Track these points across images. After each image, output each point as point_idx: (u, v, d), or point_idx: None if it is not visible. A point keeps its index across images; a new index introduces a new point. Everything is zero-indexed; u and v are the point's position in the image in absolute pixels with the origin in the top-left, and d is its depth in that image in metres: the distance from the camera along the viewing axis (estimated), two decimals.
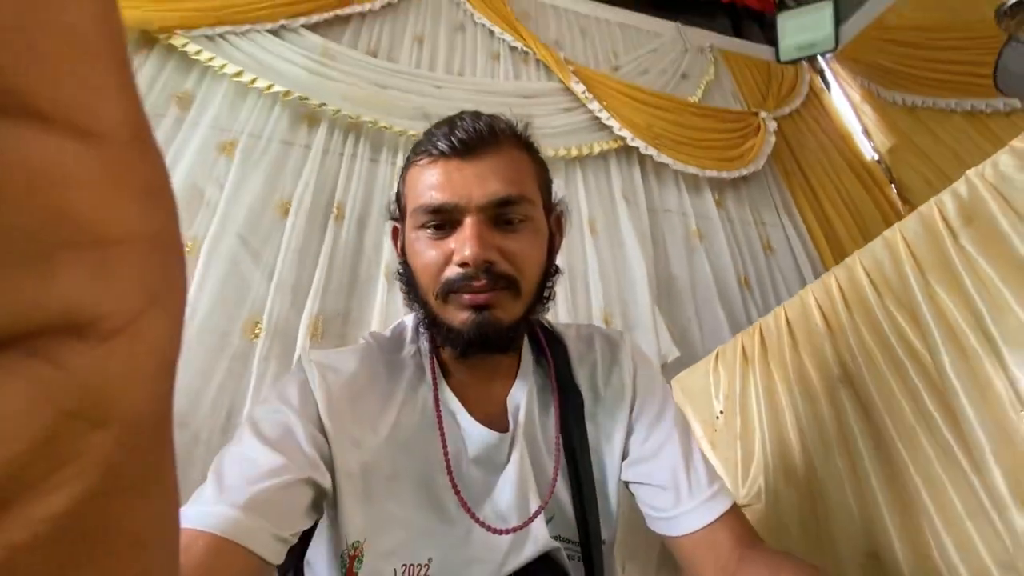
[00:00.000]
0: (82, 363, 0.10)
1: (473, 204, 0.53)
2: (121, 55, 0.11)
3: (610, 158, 1.70)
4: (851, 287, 0.71)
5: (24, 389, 0.09)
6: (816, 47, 2.16)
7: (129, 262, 0.11)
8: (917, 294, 0.62)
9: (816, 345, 0.77)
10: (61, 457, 0.10)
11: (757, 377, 0.87)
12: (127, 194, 0.11)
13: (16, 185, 0.09)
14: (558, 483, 0.61)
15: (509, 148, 0.57)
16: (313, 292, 1.19)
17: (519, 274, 0.55)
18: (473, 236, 0.52)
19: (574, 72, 1.71)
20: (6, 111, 0.09)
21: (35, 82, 0.09)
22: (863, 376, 0.69)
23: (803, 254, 1.86)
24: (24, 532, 0.09)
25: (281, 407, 0.53)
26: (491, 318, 0.54)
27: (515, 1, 1.88)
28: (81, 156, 0.10)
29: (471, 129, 0.55)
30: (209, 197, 1.22)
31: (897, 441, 0.66)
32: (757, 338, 0.90)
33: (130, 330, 0.11)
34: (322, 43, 1.46)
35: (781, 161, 2.03)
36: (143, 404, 0.11)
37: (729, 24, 2.42)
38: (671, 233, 1.69)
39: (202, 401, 1.03)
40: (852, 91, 2.20)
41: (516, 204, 0.55)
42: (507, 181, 0.54)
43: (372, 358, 0.62)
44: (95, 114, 0.10)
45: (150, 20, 1.27)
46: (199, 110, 1.30)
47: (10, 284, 0.09)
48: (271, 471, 0.46)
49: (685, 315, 1.56)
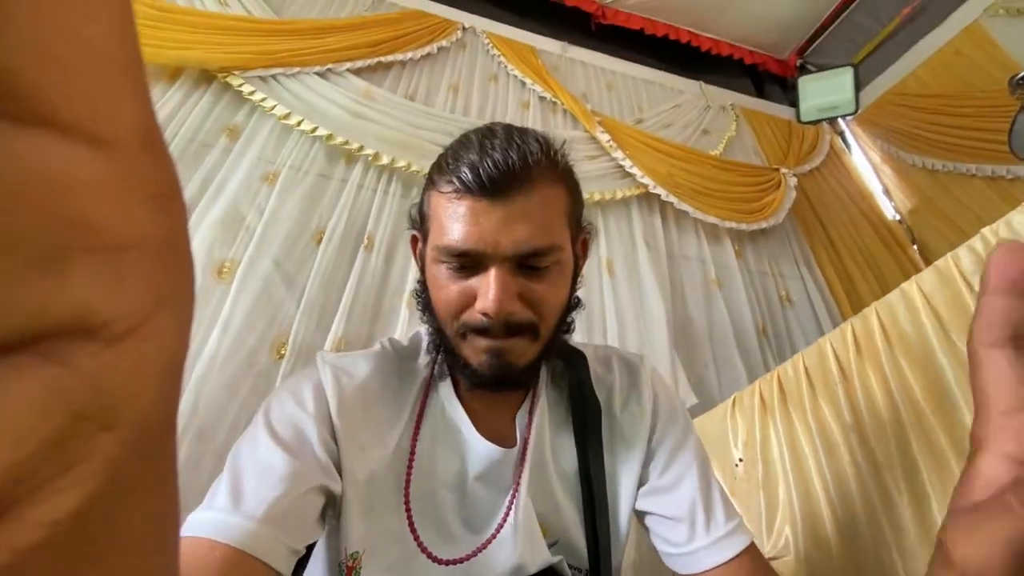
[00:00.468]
0: (93, 365, 0.10)
1: (499, 253, 0.50)
2: (135, 64, 0.11)
3: (632, 204, 1.75)
4: (864, 334, 0.72)
5: (36, 390, 0.09)
6: (837, 110, 2.22)
7: (140, 266, 0.11)
8: (934, 343, 0.63)
9: (831, 390, 0.77)
10: (70, 458, 0.10)
11: (778, 424, 0.86)
12: (139, 199, 0.11)
13: (34, 191, 0.09)
14: (566, 507, 0.59)
15: (542, 184, 0.53)
16: (339, 316, 1.23)
17: (539, 320, 0.54)
18: (497, 288, 0.50)
19: (599, 122, 1.78)
20: (26, 120, 0.09)
21: (54, 92, 0.09)
22: (869, 426, 0.69)
23: (822, 307, 1.85)
24: (32, 534, 0.09)
25: (296, 408, 0.53)
26: (507, 362, 0.53)
27: (546, 55, 2.00)
28: (95, 163, 0.10)
29: (502, 164, 0.50)
30: (249, 222, 1.28)
31: (903, 492, 0.65)
32: (776, 385, 0.90)
33: (140, 333, 0.11)
34: (365, 86, 1.56)
35: (802, 216, 2.05)
36: (150, 407, 0.11)
37: (751, 86, 2.51)
38: (690, 280, 1.71)
39: (226, 416, 1.06)
40: (872, 152, 2.24)
41: (542, 256, 0.52)
42: (537, 228, 0.51)
43: (387, 365, 0.62)
44: (109, 122, 0.10)
45: (210, 60, 1.38)
46: (246, 142, 1.39)
47: (25, 286, 0.09)
48: (286, 478, 0.47)
49: (702, 361, 1.55)
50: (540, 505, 0.58)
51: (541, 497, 0.59)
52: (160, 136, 0.12)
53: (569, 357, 0.66)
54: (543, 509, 0.58)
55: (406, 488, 0.55)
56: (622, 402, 0.65)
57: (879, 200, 2.17)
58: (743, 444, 0.93)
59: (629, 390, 0.66)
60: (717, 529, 0.57)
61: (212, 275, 1.19)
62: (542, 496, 0.59)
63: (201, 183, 1.29)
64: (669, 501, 0.60)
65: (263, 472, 0.47)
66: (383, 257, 1.38)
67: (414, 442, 0.57)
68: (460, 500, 0.57)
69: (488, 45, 1.91)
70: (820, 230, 2.04)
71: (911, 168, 2.02)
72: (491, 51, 1.90)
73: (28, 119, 0.09)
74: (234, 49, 1.41)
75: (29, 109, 0.09)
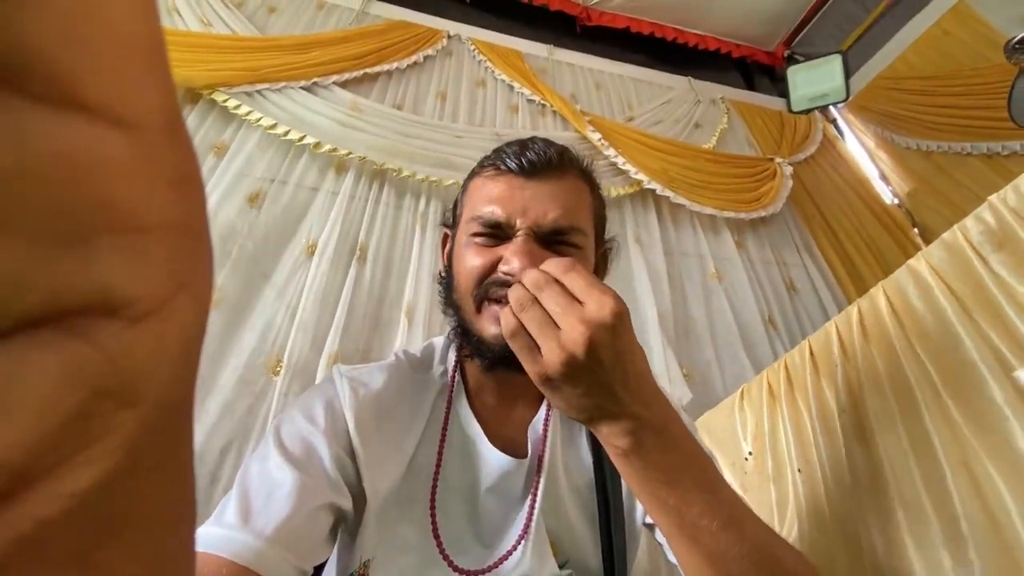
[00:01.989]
0: (115, 343, 0.10)
1: (527, 223, 0.54)
2: (159, 49, 0.11)
3: (624, 204, 1.73)
4: (872, 315, 0.70)
5: (61, 366, 0.09)
6: (828, 98, 2.21)
7: (161, 247, 0.11)
8: (952, 319, 0.61)
9: (831, 371, 0.75)
10: (91, 434, 0.10)
11: (785, 413, 0.84)
12: (161, 182, 0.11)
13: (60, 170, 0.09)
14: (578, 523, 0.57)
15: (573, 177, 0.58)
16: (333, 331, 1.21)
17: None
18: (522, 250, 0.52)
19: (590, 122, 1.77)
20: (52, 101, 0.09)
21: (79, 73, 0.09)
22: (869, 405, 0.66)
23: (827, 293, 1.83)
24: (53, 506, 0.10)
25: (307, 424, 0.53)
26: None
27: (533, 59, 1.99)
28: (120, 145, 0.10)
29: (541, 152, 0.56)
30: (240, 239, 1.27)
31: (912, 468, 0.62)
32: (783, 373, 0.87)
33: (160, 313, 0.11)
34: (352, 98, 1.55)
35: (800, 204, 2.04)
36: (169, 386, 0.11)
37: (740, 78, 2.51)
38: (688, 276, 1.69)
39: (223, 438, 1.03)
40: (866, 138, 2.23)
41: (568, 233, 0.55)
42: (565, 208, 0.55)
43: (401, 376, 0.61)
44: (133, 104, 0.10)
45: (195, 78, 1.37)
46: (234, 158, 1.38)
47: (51, 264, 0.09)
48: (296, 495, 0.46)
49: (704, 358, 1.53)
50: (551, 522, 0.56)
51: (553, 514, 0.57)
52: (181, 120, 0.12)
53: None
54: (554, 526, 0.56)
55: (432, 498, 0.54)
56: None
57: (876, 185, 2.15)
58: (752, 437, 0.90)
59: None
60: None
61: None
62: (554, 513, 0.57)
63: None
64: None
65: (272, 489, 0.46)
66: (378, 268, 1.36)
67: (440, 452, 0.56)
68: (473, 512, 0.56)
69: (474, 51, 1.91)
70: (819, 218, 2.02)
71: (906, 151, 2.01)
72: (477, 57, 1.90)
73: (54, 99, 0.09)
74: (218, 66, 1.41)
75: (55, 89, 0.09)
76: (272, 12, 1.72)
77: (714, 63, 2.40)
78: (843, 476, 0.71)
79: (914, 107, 1.96)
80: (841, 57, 2.18)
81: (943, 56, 1.90)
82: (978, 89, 1.71)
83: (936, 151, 1.89)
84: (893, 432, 0.65)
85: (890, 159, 2.11)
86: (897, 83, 2.05)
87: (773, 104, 2.35)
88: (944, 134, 1.85)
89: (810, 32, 2.43)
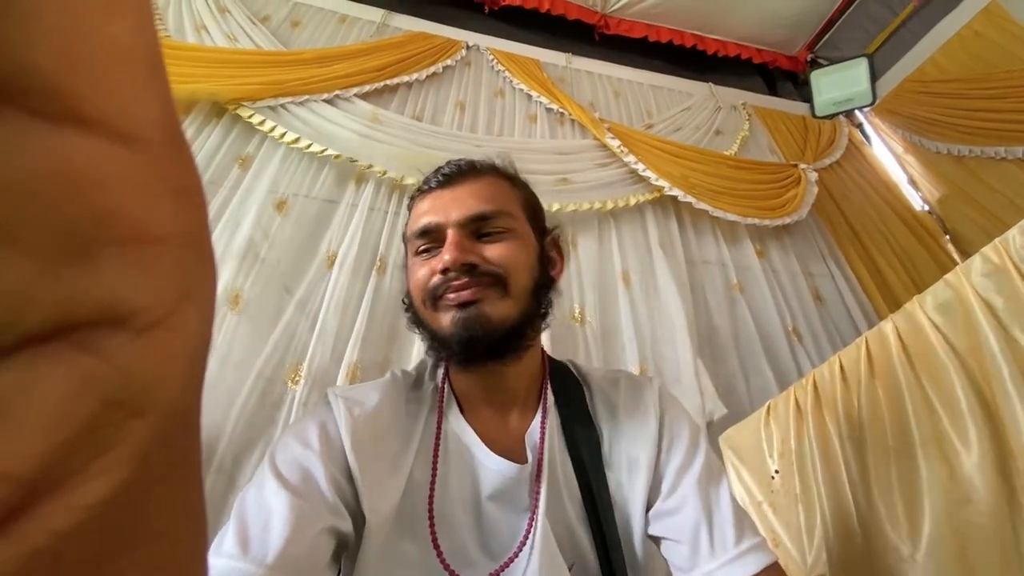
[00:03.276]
0: (123, 354, 0.10)
1: (452, 221, 0.58)
2: (158, 62, 0.11)
3: (646, 210, 1.71)
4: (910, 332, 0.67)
5: (70, 378, 0.10)
6: (853, 102, 2.16)
7: (165, 258, 0.11)
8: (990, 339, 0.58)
9: (866, 388, 0.72)
10: (102, 445, 0.10)
11: (810, 431, 0.81)
12: (162, 194, 0.11)
13: (63, 185, 0.09)
14: (580, 531, 0.57)
15: (489, 176, 0.64)
16: (352, 341, 1.22)
17: (504, 271, 0.56)
18: (451, 244, 0.56)
19: (609, 129, 1.76)
20: (53, 116, 0.09)
21: (80, 88, 0.10)
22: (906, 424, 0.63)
23: (855, 304, 1.78)
24: (67, 519, 0.10)
25: (301, 449, 0.52)
26: (476, 313, 0.54)
27: (551, 68, 1.99)
28: (122, 158, 0.10)
29: (455, 165, 0.64)
30: (261, 250, 1.29)
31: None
32: (811, 389, 0.84)
33: (166, 323, 0.11)
34: (372, 110, 1.57)
35: (825, 212, 1.99)
36: (177, 395, 0.11)
37: (762, 84, 2.47)
38: (711, 285, 1.66)
39: (244, 448, 1.04)
40: (894, 142, 2.17)
41: (493, 218, 0.59)
42: (482, 199, 0.59)
43: (395, 393, 0.61)
44: (133, 118, 0.11)
45: (220, 93, 1.40)
46: (258, 171, 1.41)
47: (58, 278, 0.09)
48: (294, 522, 0.45)
49: (729, 369, 1.49)
50: (554, 526, 0.56)
51: (555, 519, 0.56)
52: (181, 132, 0.12)
53: (567, 381, 0.66)
54: (557, 530, 0.56)
55: (430, 514, 0.54)
56: (628, 420, 0.63)
57: (905, 191, 2.09)
58: (778, 455, 0.88)
59: (635, 408, 0.64)
60: (725, 551, 0.53)
61: (226, 305, 1.19)
62: (556, 518, 0.57)
63: (215, 214, 1.30)
64: (674, 523, 0.57)
65: (270, 517, 0.45)
66: (398, 279, 1.37)
67: (435, 468, 0.56)
68: (476, 522, 0.56)
69: (493, 61, 1.92)
70: (845, 226, 1.97)
71: (936, 156, 1.95)
72: (496, 67, 1.90)
73: (55, 115, 0.09)
74: (243, 81, 1.44)
75: (56, 105, 0.09)
76: (296, 26, 1.75)
77: (735, 69, 2.37)
78: (878, 499, 0.69)
79: (945, 110, 1.90)
80: (867, 60, 2.14)
81: (974, 58, 1.85)
82: (1012, 92, 1.65)
83: (968, 155, 1.83)
84: (936, 457, 0.62)
85: (920, 164, 2.05)
86: (926, 86, 2.00)
87: (796, 109, 2.31)
88: (977, 138, 1.79)
89: (834, 36, 2.38)
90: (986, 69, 1.78)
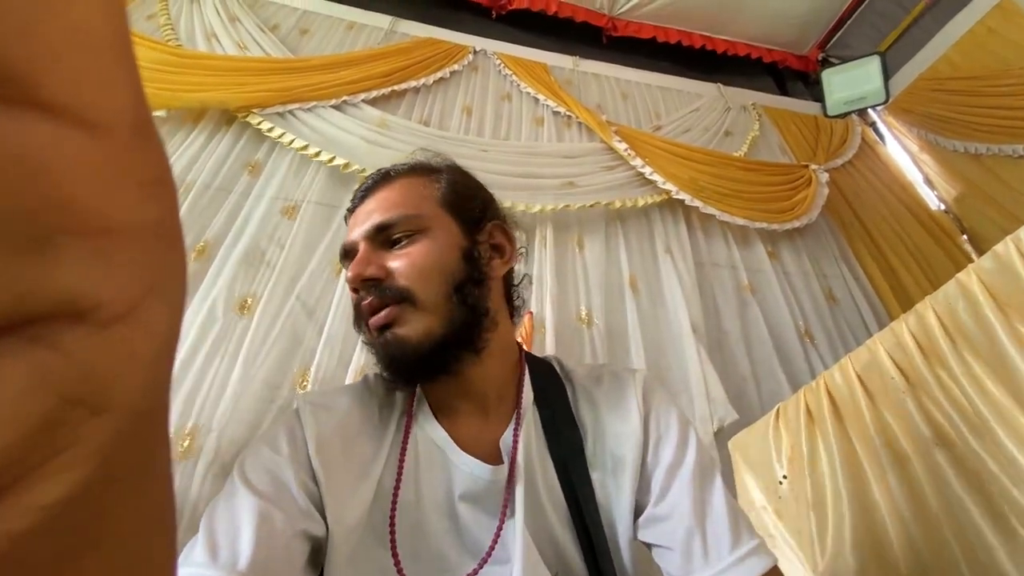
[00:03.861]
0: (82, 349, 0.10)
1: (359, 236, 0.57)
2: (125, 49, 0.11)
3: (653, 213, 1.69)
4: (923, 335, 0.65)
5: (26, 374, 0.09)
6: (866, 100, 2.13)
7: (129, 250, 0.11)
8: (1002, 338, 0.56)
9: (897, 401, 0.70)
10: (60, 443, 0.10)
11: (830, 438, 0.79)
12: (128, 184, 0.11)
13: (19, 172, 0.09)
14: (565, 537, 0.55)
15: (401, 180, 0.61)
16: (359, 346, 1.22)
17: (410, 285, 0.53)
18: (354, 261, 0.55)
19: (616, 132, 1.75)
20: (10, 100, 0.09)
21: (41, 73, 0.09)
22: (964, 437, 0.61)
23: (866, 306, 1.75)
24: (23, 520, 0.09)
25: (270, 454, 0.51)
26: (393, 338, 0.52)
27: (558, 71, 1.99)
28: (83, 146, 0.10)
29: (368, 180, 0.62)
30: (270, 257, 1.30)
31: (1011, 515, 0.57)
32: (824, 394, 0.83)
33: (129, 318, 0.11)
34: (379, 115, 1.58)
35: (837, 213, 1.96)
36: (141, 393, 0.11)
37: (773, 84, 2.45)
38: (721, 288, 1.64)
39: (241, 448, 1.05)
40: (909, 141, 2.13)
41: (395, 224, 0.56)
42: (386, 207, 0.57)
43: (367, 397, 0.60)
44: (98, 105, 0.10)
45: (229, 100, 1.42)
46: (267, 178, 1.42)
47: (12, 269, 0.09)
48: (265, 527, 0.44)
49: (739, 372, 1.47)
50: (535, 534, 0.54)
51: (536, 526, 0.54)
52: (151, 122, 0.12)
53: (548, 380, 0.63)
54: (539, 538, 0.54)
55: (391, 523, 0.52)
56: (610, 418, 0.60)
57: (920, 190, 2.05)
58: (787, 460, 0.86)
59: (617, 404, 0.61)
60: (720, 559, 0.50)
61: (234, 311, 1.20)
62: (537, 525, 0.54)
63: (224, 220, 1.31)
64: (666, 529, 0.54)
65: (240, 524, 0.44)
66: None
67: (399, 474, 0.54)
68: (453, 525, 0.54)
69: (500, 65, 1.92)
70: (858, 226, 1.94)
71: (952, 154, 1.91)
72: (503, 71, 1.91)
73: (12, 99, 0.09)
74: (252, 88, 1.45)
75: (15, 89, 0.09)
76: (304, 34, 1.77)
77: (745, 69, 2.35)
78: (917, 511, 0.66)
79: (961, 108, 1.87)
80: (879, 58, 2.11)
81: (989, 55, 1.81)
82: None
83: (985, 154, 1.79)
84: (982, 465, 0.60)
85: (935, 163, 2.01)
86: (940, 84, 1.96)
87: (807, 109, 2.28)
88: (994, 136, 1.76)
89: (845, 34, 2.36)
90: (1001, 66, 1.75)
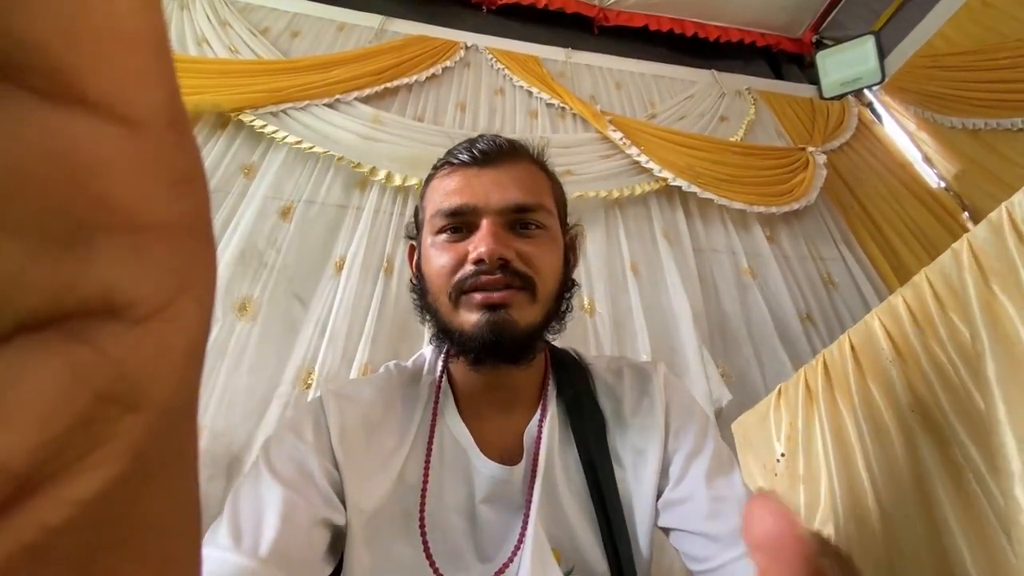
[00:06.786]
0: (117, 346, 0.10)
1: (491, 207, 0.53)
2: (162, 44, 0.11)
3: (651, 200, 1.69)
4: (917, 303, 0.65)
5: (63, 370, 0.09)
6: (861, 81, 2.12)
7: (162, 248, 0.11)
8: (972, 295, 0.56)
9: (883, 370, 0.70)
10: (95, 439, 0.10)
11: (822, 413, 0.79)
12: (163, 181, 0.11)
13: (62, 168, 0.09)
14: (581, 528, 0.55)
15: (527, 163, 0.59)
16: (363, 344, 1.23)
17: (536, 275, 0.53)
18: (489, 233, 0.51)
19: (611, 121, 1.75)
20: (52, 95, 0.09)
21: (84, 69, 0.09)
22: (938, 402, 0.61)
23: (868, 286, 1.74)
24: (58, 513, 0.09)
25: (295, 442, 0.52)
26: (506, 317, 0.50)
27: (551, 63, 1.99)
28: (122, 142, 0.10)
29: (491, 142, 0.57)
30: (268, 257, 1.30)
31: (972, 481, 0.57)
32: (821, 370, 0.83)
33: (163, 315, 0.11)
34: (373, 112, 1.58)
35: (835, 194, 1.95)
36: (173, 389, 0.11)
37: (767, 68, 2.43)
38: (721, 273, 1.64)
39: (254, 446, 1.06)
40: (906, 120, 2.12)
41: (533, 212, 0.55)
42: (525, 189, 0.55)
43: (390, 388, 0.60)
44: (135, 102, 0.10)
45: (223, 103, 1.43)
46: (262, 180, 1.43)
47: (51, 265, 0.09)
48: (288, 514, 0.45)
49: (743, 356, 1.47)
50: (552, 528, 0.54)
51: (553, 519, 0.54)
52: (185, 118, 0.12)
53: (570, 368, 0.63)
54: (555, 532, 0.54)
55: (421, 516, 0.52)
56: (632, 411, 0.61)
57: (920, 169, 2.04)
58: (785, 437, 0.86)
59: (640, 398, 0.61)
60: (740, 543, 0.50)
61: (233, 313, 1.21)
62: (554, 518, 0.55)
63: (221, 222, 1.32)
64: (687, 513, 0.54)
65: (263, 509, 0.45)
66: (406, 280, 1.37)
67: (426, 469, 0.55)
68: (471, 526, 0.54)
69: (492, 60, 1.92)
70: (857, 207, 1.93)
71: (950, 131, 1.90)
72: (495, 65, 1.91)
73: (55, 94, 0.09)
74: (244, 90, 1.46)
75: (56, 84, 0.09)
76: (295, 36, 1.77)
77: (739, 55, 2.34)
78: (890, 479, 0.67)
79: (957, 84, 1.85)
80: (874, 38, 2.09)
81: (984, 29, 1.80)
82: (1022, 61, 1.60)
83: (984, 129, 1.77)
84: (955, 431, 0.60)
85: (933, 140, 2.00)
86: (936, 60, 1.94)
87: (803, 92, 2.27)
88: (992, 110, 1.74)
89: (838, 15, 2.34)
90: (997, 39, 1.73)
